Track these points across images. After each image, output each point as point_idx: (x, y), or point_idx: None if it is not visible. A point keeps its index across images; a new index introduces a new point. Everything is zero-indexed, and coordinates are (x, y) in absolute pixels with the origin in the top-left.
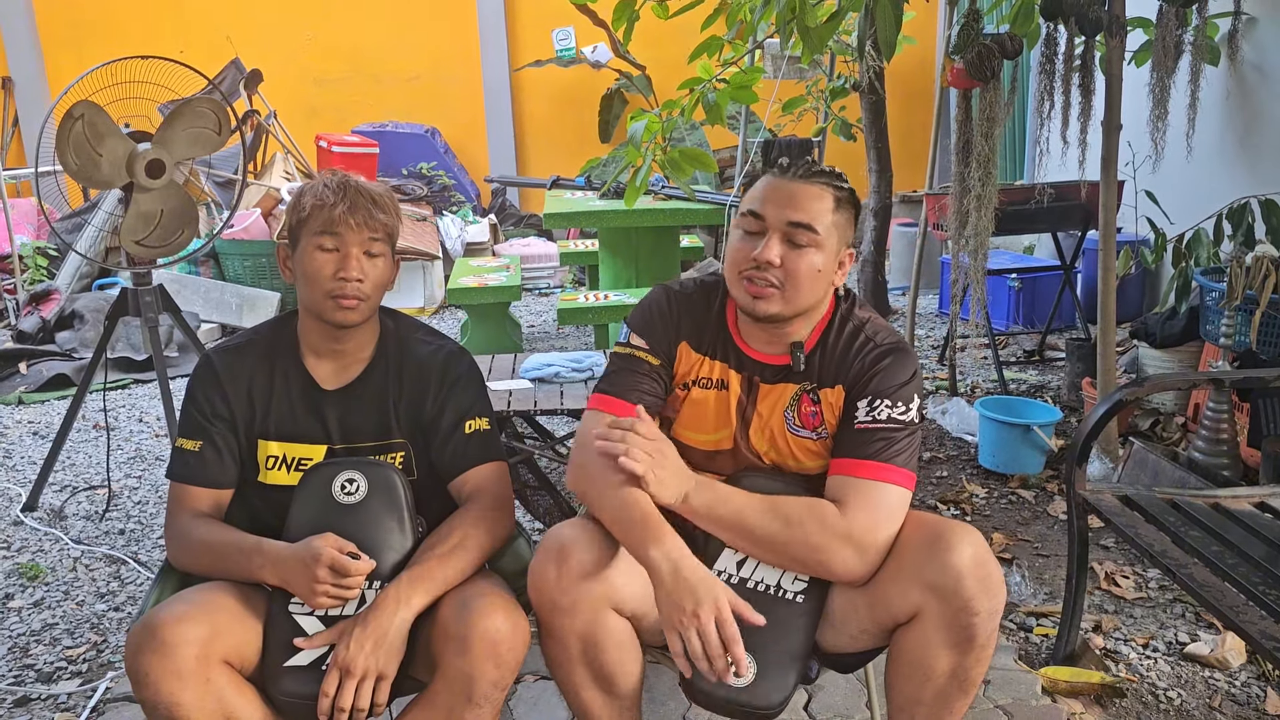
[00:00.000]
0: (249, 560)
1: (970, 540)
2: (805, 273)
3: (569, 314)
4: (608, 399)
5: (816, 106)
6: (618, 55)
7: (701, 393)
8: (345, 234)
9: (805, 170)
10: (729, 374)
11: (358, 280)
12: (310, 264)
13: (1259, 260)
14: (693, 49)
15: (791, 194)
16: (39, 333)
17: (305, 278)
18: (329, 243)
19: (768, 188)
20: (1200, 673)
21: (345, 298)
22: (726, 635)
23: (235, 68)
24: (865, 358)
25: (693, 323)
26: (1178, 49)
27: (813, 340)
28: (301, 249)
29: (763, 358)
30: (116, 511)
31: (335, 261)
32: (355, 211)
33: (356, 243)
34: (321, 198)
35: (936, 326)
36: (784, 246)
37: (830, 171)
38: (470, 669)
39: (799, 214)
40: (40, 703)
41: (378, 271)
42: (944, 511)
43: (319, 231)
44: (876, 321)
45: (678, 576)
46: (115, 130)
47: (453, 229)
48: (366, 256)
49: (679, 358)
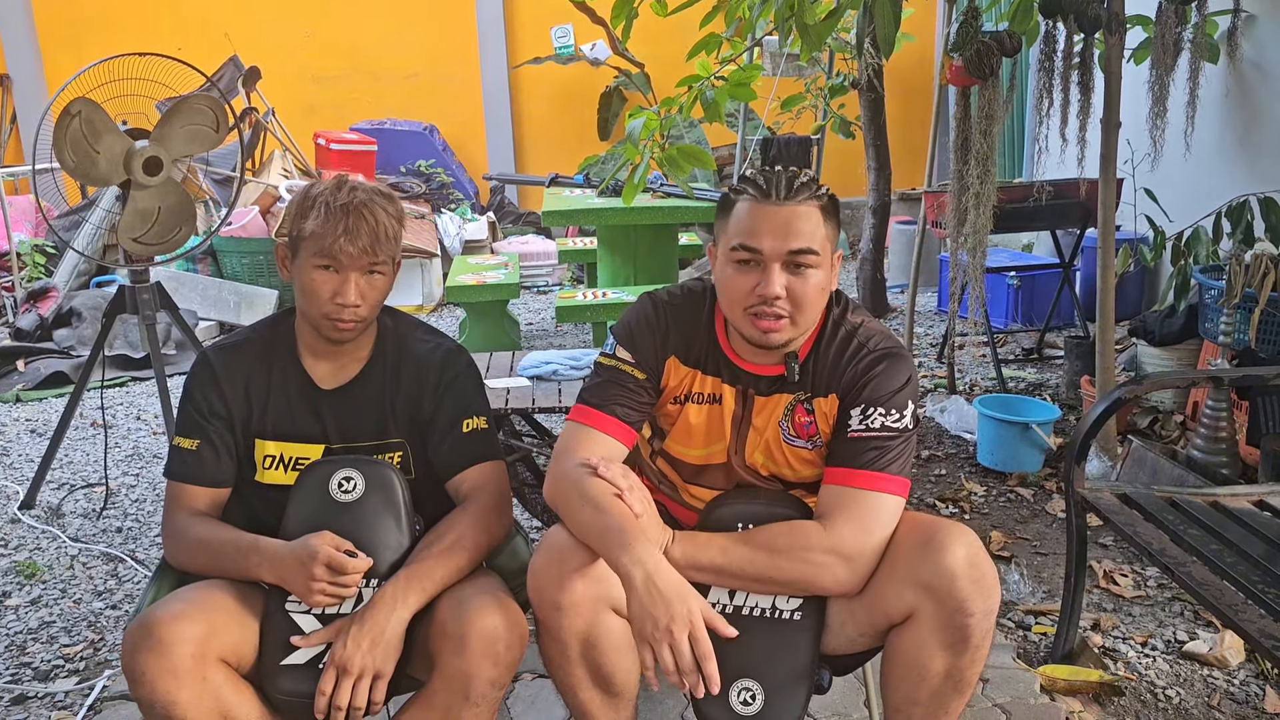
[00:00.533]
0: (246, 559)
1: (964, 540)
2: (813, 295)
3: (567, 312)
4: (589, 411)
5: (815, 104)
6: (616, 53)
7: (697, 409)
8: (344, 260)
9: (788, 189)
10: (722, 388)
11: (355, 306)
12: (308, 281)
13: (1258, 258)
14: (691, 46)
15: (784, 221)
16: (36, 330)
17: (303, 291)
18: (327, 262)
19: (757, 218)
20: (1199, 671)
21: (342, 321)
22: (700, 652)
23: (233, 65)
24: (858, 365)
25: (681, 335)
26: (1177, 46)
27: (806, 348)
28: (301, 261)
29: (756, 369)
30: (114, 509)
31: (334, 284)
32: (355, 241)
33: (356, 268)
34: (323, 224)
35: (935, 324)
36: (786, 275)
37: (808, 182)
38: (467, 668)
39: (798, 241)
40: (37, 701)
41: (377, 291)
42: (942, 510)
43: (318, 252)
44: (870, 326)
45: (650, 586)
46: (113, 127)
47: (451, 227)
48: (366, 277)
49: (667, 372)
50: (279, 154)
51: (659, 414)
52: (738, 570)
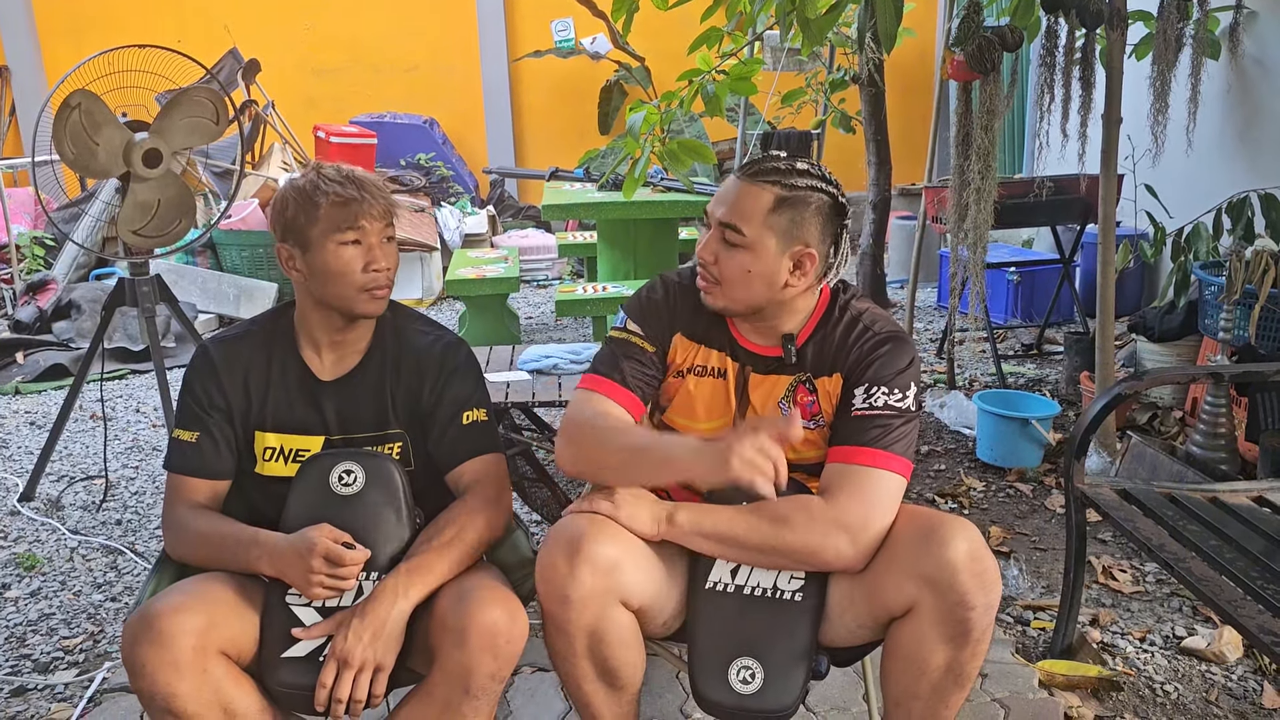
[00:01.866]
0: (246, 551)
1: (965, 534)
2: (733, 273)
3: (567, 305)
4: (599, 379)
5: (816, 99)
6: (617, 46)
7: (697, 380)
8: (368, 225)
9: (756, 169)
10: (726, 362)
11: (386, 269)
12: (336, 262)
13: (1258, 255)
14: (692, 40)
15: (730, 192)
16: (36, 323)
17: (331, 276)
18: (355, 236)
19: (724, 184)
20: (1197, 667)
21: (379, 288)
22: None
23: (233, 57)
24: (863, 345)
25: (689, 313)
26: (1179, 42)
27: (807, 331)
28: (320, 248)
29: (756, 348)
30: (114, 502)
31: (362, 255)
32: (375, 205)
33: (376, 232)
34: (336, 201)
35: (935, 320)
36: (719, 245)
37: (784, 170)
38: (468, 661)
39: (728, 215)
40: (37, 693)
41: (394, 257)
42: (941, 505)
43: (341, 228)
44: (874, 311)
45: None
46: (112, 119)
47: (451, 220)
48: (386, 243)
49: (674, 347)
50: (279, 147)
51: (660, 389)
52: (742, 538)
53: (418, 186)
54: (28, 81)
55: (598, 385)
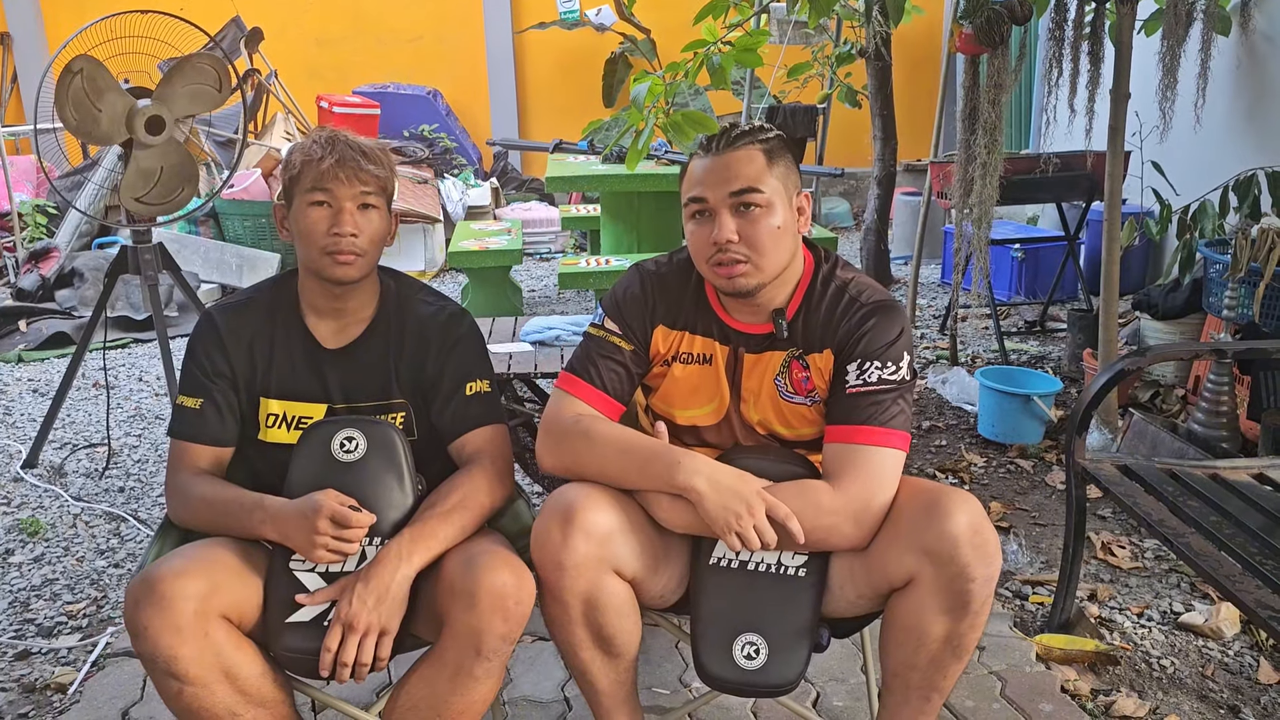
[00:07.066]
0: (249, 516)
1: (967, 507)
2: (764, 238)
3: (570, 278)
4: (574, 380)
5: (822, 73)
6: (622, 18)
7: (684, 368)
8: (336, 189)
9: (727, 140)
10: (713, 347)
11: (352, 235)
12: (304, 221)
13: (1264, 233)
14: (698, 11)
15: (724, 166)
16: (38, 291)
17: (301, 235)
18: (321, 198)
19: (700, 170)
20: (1194, 642)
21: (341, 253)
22: (778, 516)
23: (236, 26)
24: (851, 319)
25: (668, 303)
26: (1189, 18)
27: (795, 305)
28: (295, 207)
29: (745, 328)
30: (116, 469)
31: (329, 217)
32: (344, 165)
33: (349, 197)
34: (310, 153)
35: (939, 296)
36: (736, 220)
37: (751, 129)
38: (478, 623)
39: (738, 182)
40: (41, 657)
41: (373, 226)
42: (942, 480)
43: (310, 188)
44: (860, 280)
45: (717, 486)
46: (115, 85)
47: (454, 192)
48: (360, 210)
49: (655, 340)
50: (281, 117)
51: (648, 379)
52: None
53: (421, 158)
54: (29, 48)
55: (573, 387)
